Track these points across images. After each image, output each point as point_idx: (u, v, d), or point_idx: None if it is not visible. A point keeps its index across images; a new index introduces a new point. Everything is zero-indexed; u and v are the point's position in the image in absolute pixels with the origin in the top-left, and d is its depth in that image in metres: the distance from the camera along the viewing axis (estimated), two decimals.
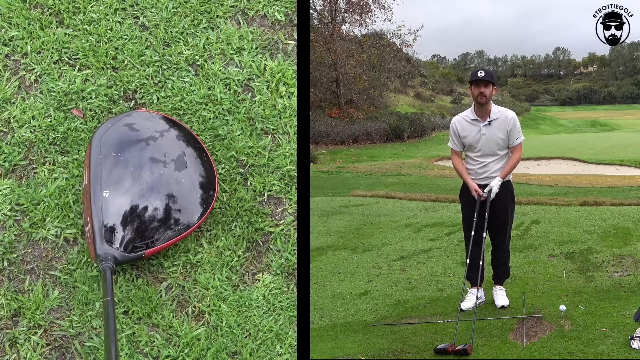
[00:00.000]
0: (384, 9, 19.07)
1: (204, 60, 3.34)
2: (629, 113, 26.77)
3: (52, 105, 3.22)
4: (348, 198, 8.31)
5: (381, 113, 19.10)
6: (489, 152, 3.54)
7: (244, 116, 3.24)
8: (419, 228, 5.93)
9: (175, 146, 3.01)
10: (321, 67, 18.02)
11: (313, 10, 18.27)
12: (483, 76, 3.44)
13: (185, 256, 2.98)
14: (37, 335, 2.80)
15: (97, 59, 3.32)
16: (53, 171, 3.10)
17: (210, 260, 2.98)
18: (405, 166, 12.57)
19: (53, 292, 2.89)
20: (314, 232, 5.84)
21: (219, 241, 3.01)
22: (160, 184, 2.87)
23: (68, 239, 2.99)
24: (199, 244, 3.01)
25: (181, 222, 2.87)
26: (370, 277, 4.41)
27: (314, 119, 16.36)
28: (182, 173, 2.93)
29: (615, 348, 2.89)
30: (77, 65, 3.32)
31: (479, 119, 3.53)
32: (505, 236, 3.70)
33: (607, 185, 9.47)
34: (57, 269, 2.94)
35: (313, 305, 3.77)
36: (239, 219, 3.06)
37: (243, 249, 3.01)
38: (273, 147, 3.19)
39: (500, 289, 3.72)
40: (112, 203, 2.79)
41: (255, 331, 2.85)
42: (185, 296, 2.92)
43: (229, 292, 2.93)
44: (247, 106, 3.26)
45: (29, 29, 3.35)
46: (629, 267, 4.20)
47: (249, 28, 3.41)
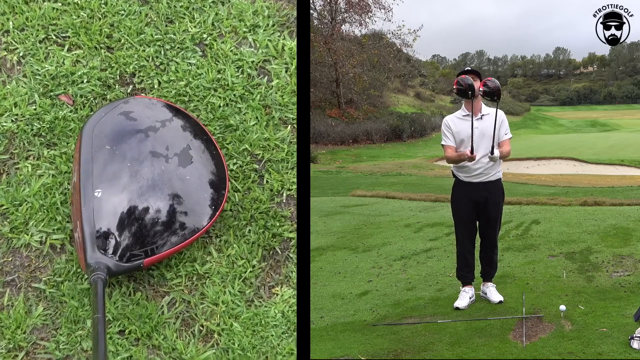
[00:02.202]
0: (384, 9, 19.12)
1: (212, 39, 2.97)
2: (629, 113, 26.76)
3: (37, 91, 2.83)
4: (348, 198, 8.31)
5: (381, 113, 19.12)
6: (482, 147, 3.59)
7: (259, 103, 2.86)
8: (419, 228, 5.93)
9: (179, 138, 2.67)
10: (321, 67, 18.04)
11: (313, 10, 18.27)
12: (470, 69, 3.64)
13: (190, 266, 2.61)
14: (18, 359, 2.41)
15: (89, 37, 2.93)
16: (38, 167, 2.72)
17: (220, 271, 2.62)
18: (405, 166, 12.58)
19: (37, 308, 2.49)
20: (314, 232, 5.84)
21: (230, 249, 2.66)
22: (162, 182, 2.53)
23: (55, 245, 2.60)
24: (207, 252, 2.65)
25: (187, 225, 2.52)
26: (370, 277, 4.41)
27: (314, 119, 16.36)
28: (187, 169, 2.60)
29: (615, 348, 2.89)
30: (66, 45, 2.93)
31: (470, 114, 3.62)
32: (496, 234, 3.80)
33: (607, 185, 9.48)
34: (42, 281, 2.54)
35: (313, 305, 3.77)
36: (254, 222, 2.70)
37: (258, 257, 2.65)
38: (292, 140, 2.84)
39: (492, 285, 3.78)
40: (106, 204, 2.44)
41: (272, 354, 2.48)
42: (191, 313, 2.55)
43: (241, 309, 2.56)
44: (262, 92, 2.89)
45: (11, 2, 2.97)
46: (629, 267, 4.20)
47: (264, 2, 3.03)
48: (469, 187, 3.65)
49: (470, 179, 3.65)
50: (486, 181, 3.63)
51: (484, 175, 3.62)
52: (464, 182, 3.67)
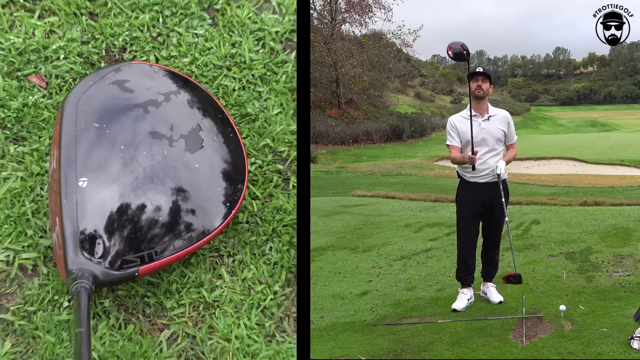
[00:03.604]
0: (384, 9, 19.14)
1: (225, 3, 2.33)
2: (629, 113, 26.80)
3: (0, 69, 2.19)
4: (348, 198, 8.32)
5: (381, 113, 19.14)
6: (488, 148, 3.61)
7: (284, 87, 2.22)
8: (419, 228, 5.94)
9: (187, 116, 2.15)
10: (321, 67, 18.05)
11: (313, 10, 18.28)
12: (482, 70, 3.62)
13: (196, 292, 2.09)
14: None
15: (66, 0, 2.27)
16: (2, 168, 2.13)
17: (233, 298, 2.10)
18: (405, 166, 12.59)
19: (3, 345, 1.95)
20: (314, 232, 5.85)
21: (246, 271, 2.13)
22: (165, 171, 2.04)
23: (24, 267, 2.06)
24: (217, 275, 2.12)
25: (194, 227, 2.03)
26: (370, 277, 4.41)
27: (314, 119, 16.38)
28: (196, 155, 2.11)
29: (615, 348, 2.89)
30: (37, 10, 2.28)
31: (477, 115, 3.63)
32: (500, 234, 3.81)
33: (607, 185, 9.49)
34: (9, 311, 2.01)
35: (313, 305, 3.77)
36: (276, 238, 2.17)
37: (281, 282, 2.13)
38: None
39: (492, 285, 3.79)
40: (93, 196, 1.96)
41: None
42: (197, 351, 2.04)
43: (260, 346, 2.03)
44: (289, 72, 2.25)
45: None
46: (629, 267, 4.20)
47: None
48: (475, 187, 3.65)
49: (477, 179, 3.64)
50: (492, 181, 3.63)
51: (490, 176, 3.62)
52: (470, 182, 3.66)
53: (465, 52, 3.48)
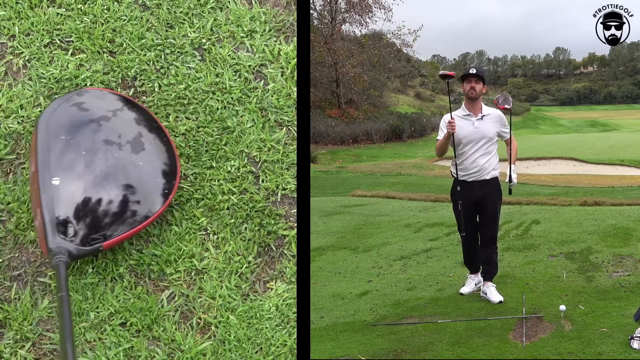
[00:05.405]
0: (384, 9, 19.09)
1: (211, 44, 3.06)
2: (629, 113, 26.74)
3: (42, 94, 2.94)
4: (348, 198, 8.31)
5: (381, 113, 19.10)
6: (480, 147, 3.66)
7: (255, 106, 2.96)
8: (419, 228, 5.93)
9: (130, 126, 2.77)
10: (321, 67, 18.01)
11: (313, 10, 18.27)
12: (474, 72, 3.68)
13: (189, 262, 2.72)
14: (25, 349, 2.52)
15: (92, 42, 3.03)
16: None
17: (217, 266, 2.72)
18: (405, 166, 12.57)
19: (42, 301, 2.61)
20: (314, 232, 5.84)
21: (227, 245, 2.76)
22: (117, 168, 2.64)
23: None
24: (205, 249, 2.75)
25: (141, 211, 2.63)
26: (370, 277, 4.41)
27: (314, 119, 16.35)
28: (140, 155, 2.71)
29: (615, 348, 2.89)
30: (70, 49, 3.03)
31: (471, 114, 3.70)
32: (495, 232, 3.84)
33: (607, 185, 9.48)
34: (47, 276, 2.66)
35: (313, 305, 3.77)
36: (250, 220, 2.80)
37: (254, 254, 2.75)
38: (288, 141, 2.94)
39: (492, 285, 3.79)
40: (64, 191, 2.53)
41: (267, 345, 2.59)
42: (190, 306, 2.66)
43: (238, 302, 2.67)
44: (259, 95, 2.98)
45: (17, 8, 3.07)
46: (629, 267, 4.20)
47: (261, 8, 3.12)
48: (465, 186, 3.68)
49: (465, 178, 3.68)
50: (481, 179, 3.66)
51: (478, 174, 3.67)
52: (460, 181, 3.69)
53: (448, 78, 3.66)
